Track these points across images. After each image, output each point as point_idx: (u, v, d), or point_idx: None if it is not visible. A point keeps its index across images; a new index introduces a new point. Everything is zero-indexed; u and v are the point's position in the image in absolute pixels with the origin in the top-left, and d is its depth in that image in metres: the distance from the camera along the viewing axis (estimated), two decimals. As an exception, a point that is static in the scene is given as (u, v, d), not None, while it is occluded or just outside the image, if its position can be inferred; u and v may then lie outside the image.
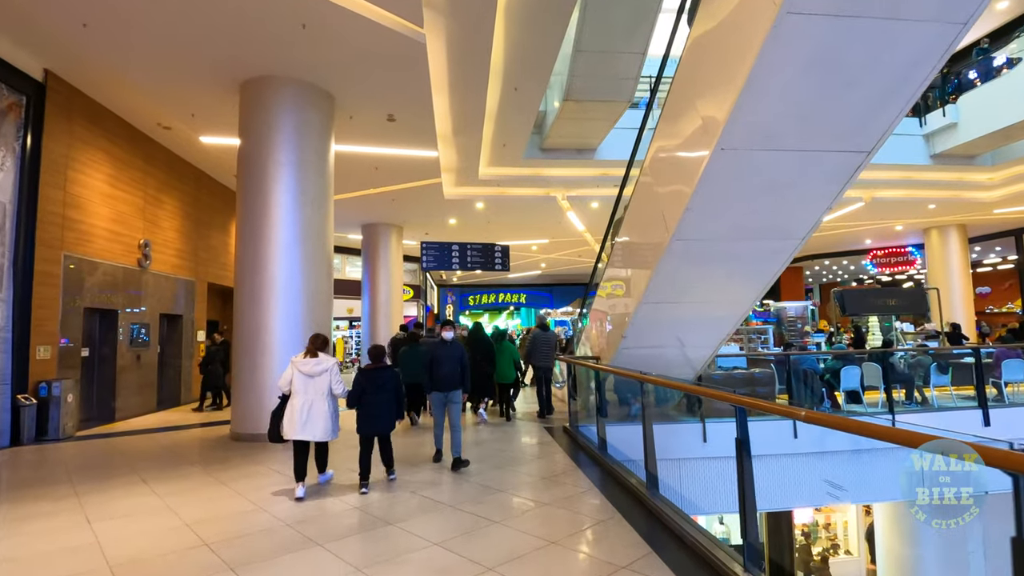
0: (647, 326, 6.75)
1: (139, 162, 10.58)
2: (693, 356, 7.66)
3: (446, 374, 6.34)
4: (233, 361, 8.07)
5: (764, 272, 6.03)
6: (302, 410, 5.09)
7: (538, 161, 13.13)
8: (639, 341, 7.02)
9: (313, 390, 5.17)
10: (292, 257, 7.93)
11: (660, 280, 5.90)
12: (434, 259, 13.23)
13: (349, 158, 11.35)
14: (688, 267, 5.81)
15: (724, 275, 6.03)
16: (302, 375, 5.19)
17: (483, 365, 8.71)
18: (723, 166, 4.61)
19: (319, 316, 8.16)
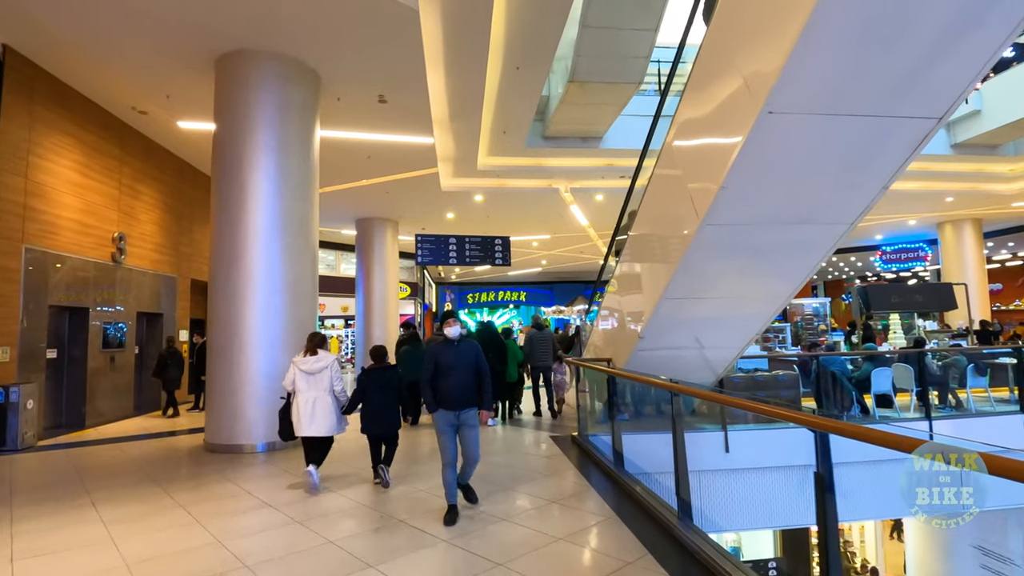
0: (667, 325, 5.98)
1: (114, 149, 9.79)
2: (715, 358, 6.91)
3: (456, 386, 4.41)
4: (208, 362, 7.29)
5: (804, 263, 5.27)
6: (307, 407, 5.17)
7: (540, 150, 12.35)
8: (657, 342, 6.26)
9: (316, 387, 5.23)
10: (272, 247, 7.15)
11: (685, 273, 5.13)
12: (430, 253, 12.43)
13: (339, 146, 10.57)
14: (718, 257, 5.04)
15: (758, 266, 5.27)
16: (304, 373, 5.24)
17: (495, 365, 7.91)
18: (769, 134, 3.84)
19: (302, 312, 7.38)
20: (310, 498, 4.93)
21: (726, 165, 4.10)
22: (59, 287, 8.47)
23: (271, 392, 6.90)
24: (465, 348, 4.60)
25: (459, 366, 4.48)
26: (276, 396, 6.81)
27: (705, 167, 4.57)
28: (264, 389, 6.92)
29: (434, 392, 4.46)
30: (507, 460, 6.30)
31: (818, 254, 5.19)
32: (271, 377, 6.96)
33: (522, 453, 6.78)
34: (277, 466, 6.13)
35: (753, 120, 3.77)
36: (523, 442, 7.32)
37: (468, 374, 4.50)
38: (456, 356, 4.52)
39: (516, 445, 7.07)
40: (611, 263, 8.36)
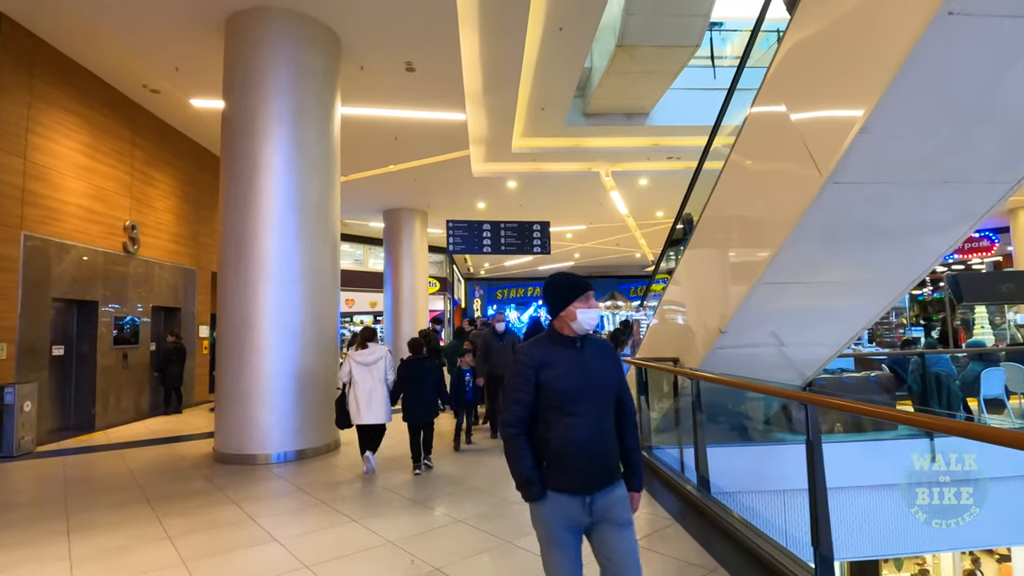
0: (758, 318, 4.88)
1: (124, 131, 9.07)
2: (807, 357, 5.76)
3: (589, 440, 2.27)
4: (217, 362, 6.45)
5: (945, 237, 4.11)
6: (364, 397, 5.41)
7: (580, 129, 11.27)
8: (741, 338, 5.15)
9: (371, 377, 5.47)
10: (287, 232, 6.26)
11: (792, 249, 4.02)
12: (462, 240, 11.42)
13: (363, 125, 9.67)
14: (839, 228, 3.92)
15: (888, 242, 4.13)
16: (360, 365, 5.50)
17: None
18: (942, 49, 2.74)
19: (322, 304, 6.49)
20: (327, 529, 4.00)
21: (874, 96, 3.00)
22: (64, 278, 7.75)
23: (286, 395, 6.04)
24: None
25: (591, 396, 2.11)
26: (290, 399, 5.97)
27: (836, 99, 3.46)
28: (279, 392, 6.05)
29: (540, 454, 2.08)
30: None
31: (965, 225, 4.02)
32: (287, 378, 6.09)
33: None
34: (292, 482, 5.24)
35: (923, 25, 2.67)
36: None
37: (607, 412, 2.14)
38: None
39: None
40: (674, 253, 7.31)
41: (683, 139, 12.01)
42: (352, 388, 5.46)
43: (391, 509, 4.40)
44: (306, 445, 6.14)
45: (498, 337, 6.83)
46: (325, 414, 6.41)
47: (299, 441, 6.10)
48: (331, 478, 5.40)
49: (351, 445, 6.78)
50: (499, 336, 6.85)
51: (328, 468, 5.74)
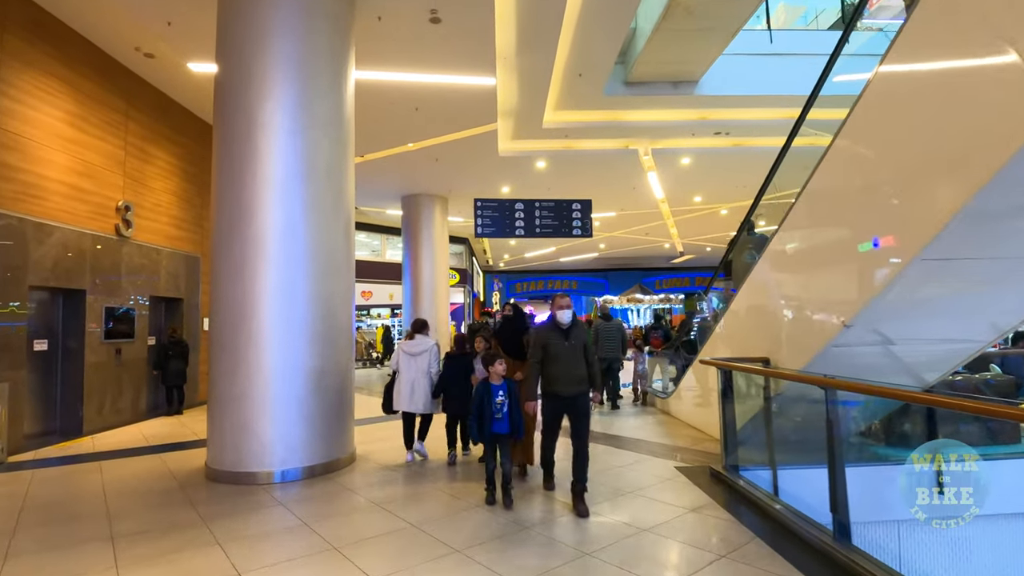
0: (898, 308, 3.72)
1: (116, 101, 8.08)
2: (937, 357, 4.59)
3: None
4: (210, 361, 5.41)
5: None
6: (407, 386, 5.53)
7: (619, 100, 10.07)
8: (867, 334, 4.00)
9: (415, 368, 5.57)
10: (291, 203, 5.19)
11: (979, 211, 2.86)
12: (492, 223, 10.25)
13: (381, 92, 8.57)
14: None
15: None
16: (406, 355, 5.63)
17: None
18: None
19: (333, 291, 5.41)
20: None
21: None
22: (43, 264, 6.79)
23: (291, 401, 4.99)
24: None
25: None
26: (296, 405, 4.93)
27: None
28: (282, 397, 4.99)
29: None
30: (631, 515, 4.15)
31: None
32: (291, 380, 5.03)
33: (635, 487, 4.63)
34: (296, 512, 4.18)
35: None
36: (639, 475, 5.17)
37: None
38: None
39: (633, 482, 4.92)
40: (765, 222, 6.18)
41: (734, 111, 10.76)
42: (398, 376, 5.66)
43: (419, 556, 3.32)
44: (315, 460, 5.09)
45: (561, 334, 4.25)
46: (338, 423, 5.35)
47: (306, 456, 5.05)
48: (344, 506, 4.34)
49: (368, 459, 5.73)
50: (563, 333, 4.26)
51: (341, 493, 4.67)
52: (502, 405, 4.33)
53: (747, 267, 5.77)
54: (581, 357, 4.26)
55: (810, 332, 4.44)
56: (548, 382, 4.25)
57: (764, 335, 5.21)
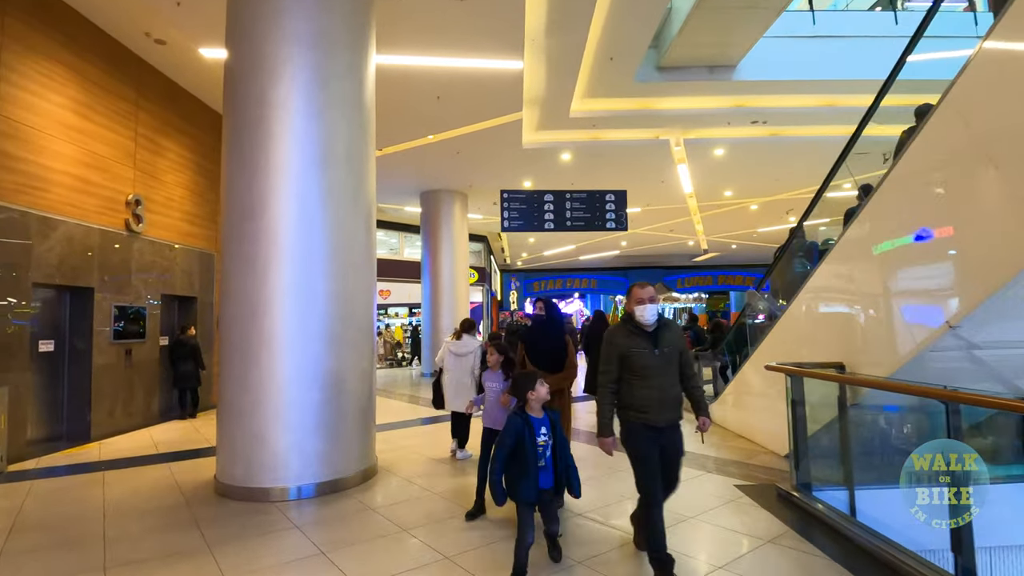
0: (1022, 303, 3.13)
1: (126, 90, 7.70)
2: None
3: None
4: (219, 365, 4.95)
5: None
6: (451, 386, 5.63)
7: (651, 87, 9.49)
8: (978, 335, 3.40)
9: (460, 369, 5.61)
10: (307, 192, 4.71)
11: None
12: (519, 215, 9.67)
13: (401, 80, 8.08)
14: None
15: None
16: (452, 354, 5.68)
17: None
18: None
19: (353, 287, 4.92)
20: None
21: None
22: (49, 259, 6.41)
23: (307, 408, 4.51)
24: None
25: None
26: (313, 413, 4.45)
27: None
28: (298, 404, 4.52)
29: None
30: (703, 549, 3.60)
31: None
32: (308, 385, 4.56)
33: (717, 532, 4.08)
34: (312, 536, 3.70)
35: None
36: (697, 495, 4.61)
37: None
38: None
39: (692, 504, 4.37)
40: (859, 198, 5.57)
41: (773, 98, 10.12)
42: (444, 375, 5.76)
43: None
44: (333, 475, 4.61)
45: (647, 339, 3.05)
46: (359, 432, 4.87)
47: (324, 469, 4.57)
48: (367, 530, 3.84)
49: (390, 471, 5.23)
50: (649, 338, 3.06)
51: (362, 514, 4.18)
52: (545, 448, 2.99)
53: (811, 262, 5.18)
54: (676, 371, 3.09)
55: (901, 335, 3.85)
56: (633, 409, 3.02)
57: (836, 338, 4.61)
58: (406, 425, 7.82)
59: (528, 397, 3.08)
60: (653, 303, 3.02)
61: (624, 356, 3.03)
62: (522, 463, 2.94)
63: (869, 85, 10.05)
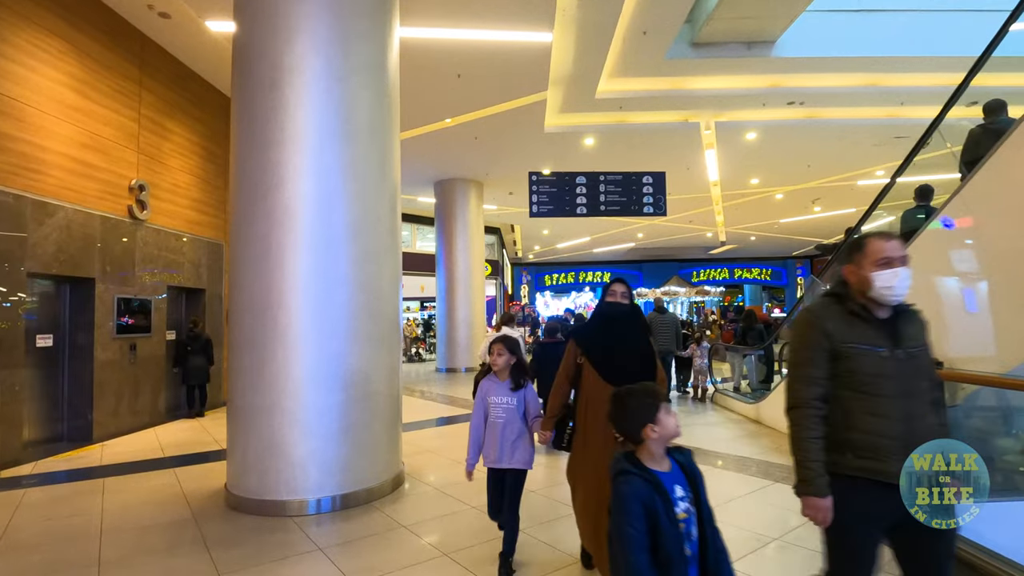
0: None
1: (129, 68, 7.18)
2: None
3: None
4: (229, 361, 4.44)
5: None
6: None
7: (684, 65, 8.86)
8: None
9: None
10: (327, 167, 4.17)
11: None
12: (548, 199, 9.01)
13: (420, 56, 7.52)
14: None
15: None
16: None
17: None
18: None
19: (378, 276, 4.39)
20: None
21: None
22: (46, 248, 5.92)
23: (329, 411, 3.99)
24: None
25: None
26: (335, 417, 3.94)
27: None
28: (318, 407, 4.00)
29: None
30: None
31: None
32: (329, 385, 4.03)
33: (813, 558, 3.53)
34: (337, 561, 3.18)
35: None
36: (775, 511, 4.05)
37: None
38: None
39: (773, 522, 3.80)
40: None
41: (812, 77, 9.48)
42: None
43: None
44: (357, 485, 4.09)
45: (879, 328, 1.81)
46: (385, 437, 4.35)
47: (347, 479, 4.05)
48: (400, 553, 3.31)
49: (418, 478, 4.71)
50: (885, 327, 1.79)
51: (393, 532, 3.65)
52: (688, 524, 1.65)
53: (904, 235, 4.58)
54: (929, 388, 1.84)
55: None
56: (852, 450, 1.80)
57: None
58: (426, 425, 7.32)
59: (646, 435, 1.71)
60: (905, 267, 1.82)
61: (840, 355, 1.83)
62: (657, 555, 1.58)
63: (916, 63, 9.44)
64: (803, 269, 30.46)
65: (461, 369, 13.78)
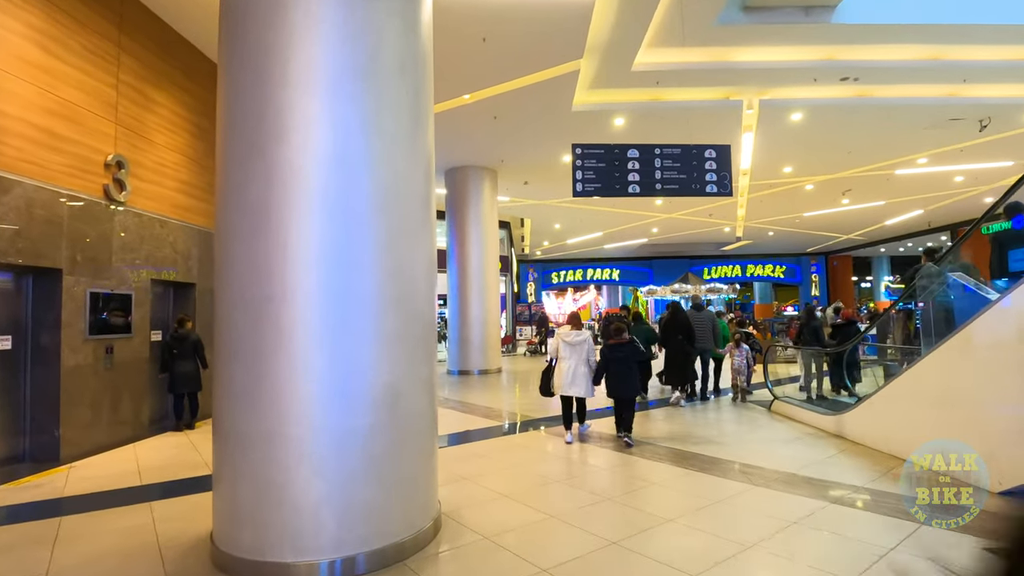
0: None
1: (106, 25, 6.11)
2: None
3: None
4: (215, 373, 3.36)
5: None
6: (568, 373, 5.96)
7: (733, 33, 7.82)
8: None
9: (575, 357, 5.98)
10: (344, 112, 3.08)
11: None
12: (595, 176, 7.73)
13: (437, 18, 6.44)
14: None
15: None
16: (566, 344, 6.04)
17: None
18: None
19: (413, 258, 3.32)
20: None
21: None
22: (0, 232, 4.87)
23: (348, 440, 2.92)
24: None
25: None
26: (357, 447, 2.86)
27: None
28: (334, 432, 2.92)
29: None
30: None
31: None
32: (349, 404, 2.97)
33: None
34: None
35: None
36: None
37: None
38: None
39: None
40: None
41: (871, 49, 8.45)
42: (559, 363, 6.09)
43: None
44: (387, 539, 3.02)
45: None
46: (422, 471, 3.29)
47: (375, 531, 2.98)
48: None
49: (460, 522, 3.65)
50: None
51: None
52: None
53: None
54: None
55: None
56: None
57: None
58: (455, 441, 6.26)
59: None
60: None
61: None
62: None
63: (982, 32, 8.40)
64: (818, 266, 29.48)
65: (475, 372, 12.73)
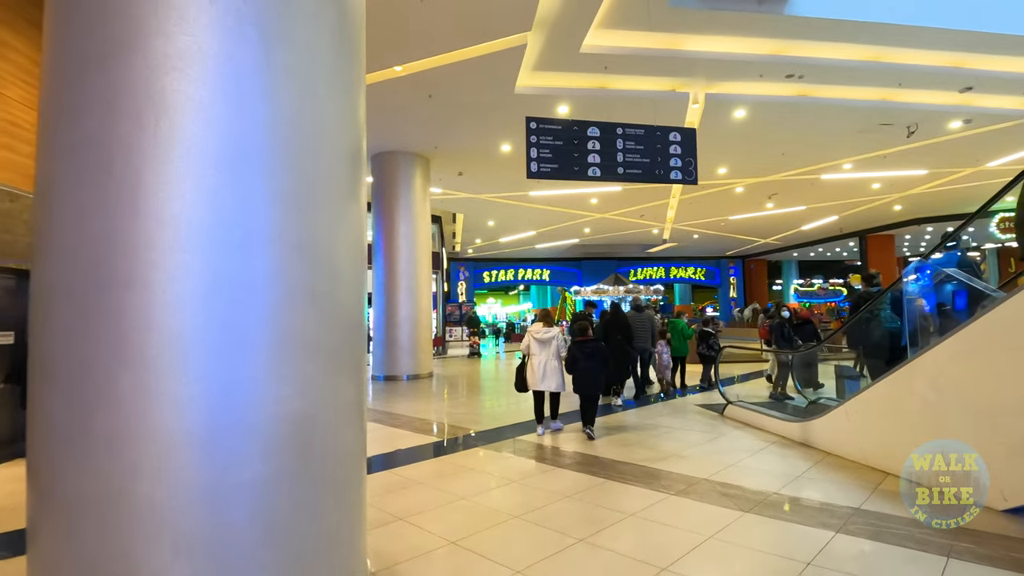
0: None
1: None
2: None
3: None
4: (28, 402, 2.24)
5: None
6: (539, 368, 6.11)
7: (686, 18, 7.36)
8: None
9: (546, 352, 6.16)
10: (230, 7, 2.13)
11: None
12: (552, 155, 6.80)
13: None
14: None
15: None
16: (536, 340, 6.20)
17: None
18: None
19: (332, 234, 2.33)
20: None
21: None
22: None
23: (235, 499, 1.91)
24: None
25: None
26: (244, 509, 1.83)
27: None
28: (209, 487, 1.90)
29: None
30: None
31: None
32: (236, 447, 1.95)
33: None
34: None
35: None
36: None
37: None
38: None
39: None
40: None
41: (818, 47, 8.27)
42: (530, 360, 6.26)
43: None
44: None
45: None
46: (344, 532, 2.32)
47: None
48: None
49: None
50: None
51: None
52: None
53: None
54: None
55: None
56: None
57: None
58: (383, 465, 5.21)
59: None
60: None
61: None
62: None
63: (919, 35, 8.47)
64: (736, 268, 30.55)
65: (403, 377, 11.64)
